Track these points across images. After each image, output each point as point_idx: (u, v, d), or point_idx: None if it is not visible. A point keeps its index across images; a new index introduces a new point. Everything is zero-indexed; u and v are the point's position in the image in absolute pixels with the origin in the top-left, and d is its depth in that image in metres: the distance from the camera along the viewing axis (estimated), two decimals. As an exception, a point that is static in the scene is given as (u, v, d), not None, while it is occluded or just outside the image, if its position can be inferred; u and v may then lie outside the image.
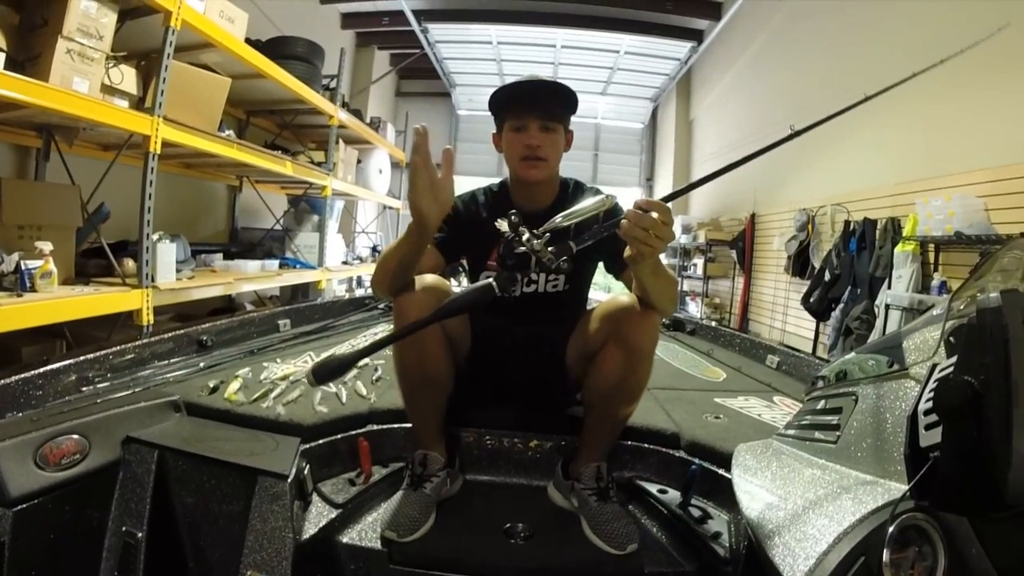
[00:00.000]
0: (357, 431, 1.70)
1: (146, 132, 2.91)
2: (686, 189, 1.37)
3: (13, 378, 1.49)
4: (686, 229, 8.80)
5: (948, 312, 0.94)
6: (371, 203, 8.38)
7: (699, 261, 8.65)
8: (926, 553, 0.73)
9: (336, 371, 1.16)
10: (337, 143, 5.63)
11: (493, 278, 1.22)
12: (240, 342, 2.44)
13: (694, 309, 8.78)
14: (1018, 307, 0.65)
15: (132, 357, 1.93)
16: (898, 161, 4.75)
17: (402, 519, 1.42)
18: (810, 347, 5.61)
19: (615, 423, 1.58)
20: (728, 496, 1.41)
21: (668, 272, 1.42)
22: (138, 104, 3.03)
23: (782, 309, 6.66)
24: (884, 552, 0.72)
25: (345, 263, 6.49)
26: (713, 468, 1.57)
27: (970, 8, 3.90)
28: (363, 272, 6.91)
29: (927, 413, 0.74)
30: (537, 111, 1.60)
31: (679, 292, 8.40)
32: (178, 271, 3.49)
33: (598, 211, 1.29)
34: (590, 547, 1.42)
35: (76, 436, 1.35)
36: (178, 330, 2.22)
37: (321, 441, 1.62)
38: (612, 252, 1.49)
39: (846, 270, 5.03)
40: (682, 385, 2.26)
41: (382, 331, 2.75)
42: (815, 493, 0.95)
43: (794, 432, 1.28)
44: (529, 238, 1.22)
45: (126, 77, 2.90)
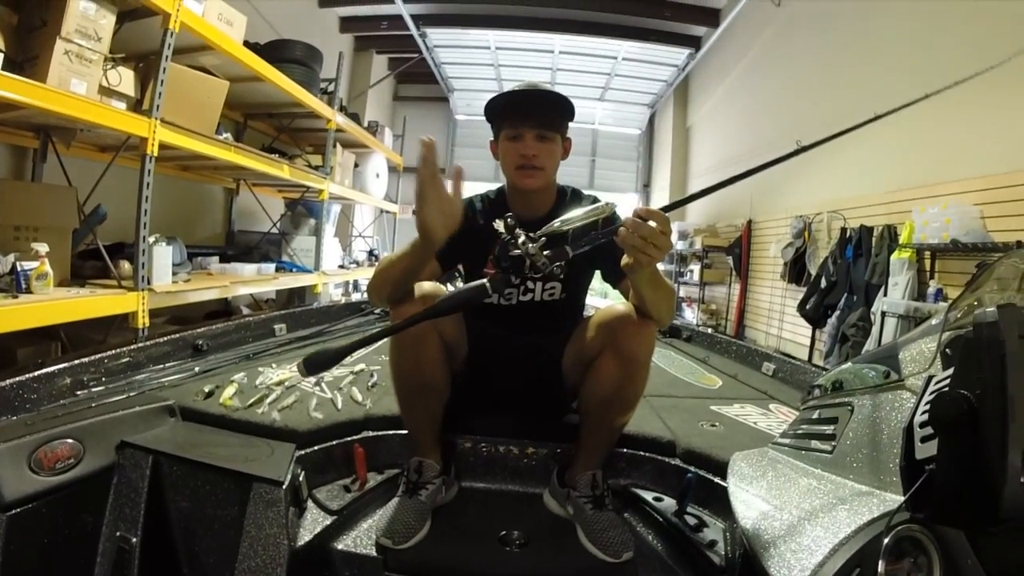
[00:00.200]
0: (353, 437, 1.69)
1: (143, 134, 2.91)
2: (688, 199, 1.37)
3: (7, 381, 1.48)
4: (682, 235, 8.82)
5: (944, 323, 0.95)
6: (368, 207, 8.37)
7: (695, 267, 8.65)
8: (921, 564, 0.73)
9: (328, 362, 1.16)
10: (335, 147, 5.62)
11: (487, 279, 1.22)
12: (236, 346, 2.43)
13: (690, 315, 8.79)
14: (1014, 321, 0.65)
15: (127, 361, 1.92)
16: (894, 169, 4.77)
17: (397, 526, 1.42)
18: (806, 354, 5.63)
19: (611, 431, 1.58)
20: (724, 505, 1.41)
21: (666, 282, 1.42)
22: (136, 106, 3.03)
23: (778, 316, 6.67)
24: (880, 563, 0.72)
25: (342, 267, 6.49)
26: (709, 476, 1.57)
27: (965, 23, 3.94)
28: (359, 276, 6.89)
29: (923, 425, 0.74)
30: (533, 120, 1.60)
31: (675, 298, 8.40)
32: (174, 274, 3.48)
33: (597, 218, 1.29)
34: (585, 555, 1.42)
35: (71, 440, 1.34)
36: (174, 334, 2.22)
37: (316, 447, 1.62)
38: (610, 261, 1.49)
39: (842, 277, 5.05)
40: (678, 392, 2.26)
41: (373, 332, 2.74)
42: (811, 503, 0.95)
43: (790, 441, 1.28)
44: (524, 241, 1.22)
45: (124, 79, 2.90)
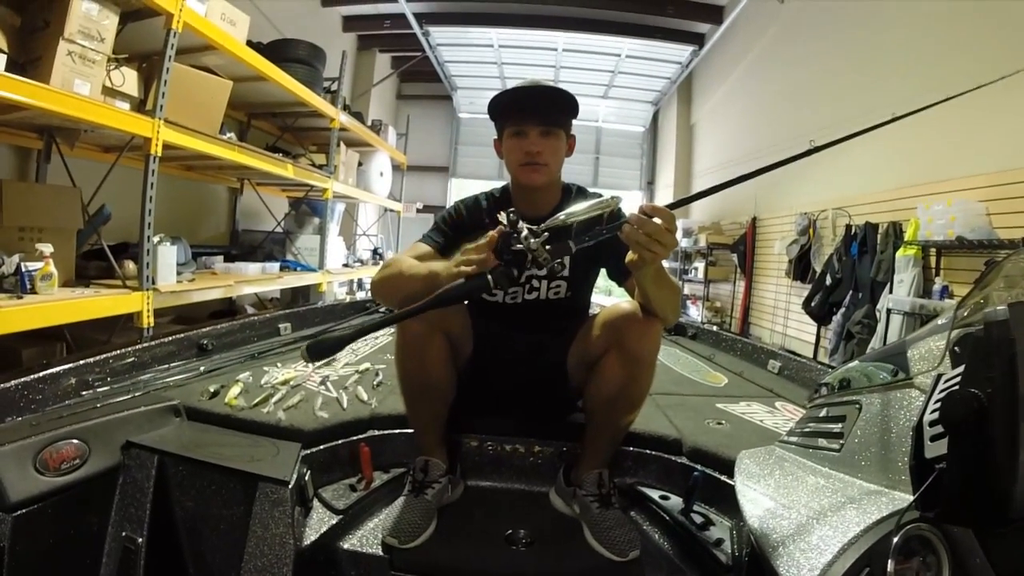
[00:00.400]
0: (358, 437, 1.69)
1: (147, 134, 2.91)
2: (695, 197, 1.36)
3: (13, 382, 1.48)
4: (687, 232, 8.79)
5: (953, 321, 0.94)
6: (372, 206, 8.38)
7: (700, 265, 8.63)
8: (930, 563, 0.72)
9: (331, 348, 1.16)
10: (338, 146, 5.62)
11: (488, 271, 1.21)
12: (240, 346, 2.43)
13: (695, 313, 8.77)
14: (1025, 320, 0.64)
15: (132, 361, 1.92)
16: (900, 165, 4.75)
17: (403, 525, 1.42)
18: (811, 351, 5.61)
19: (617, 430, 1.57)
20: (730, 503, 1.40)
21: (671, 279, 1.42)
22: (139, 106, 3.03)
23: (783, 313, 6.65)
24: (889, 563, 0.71)
25: (346, 266, 6.49)
26: (715, 474, 1.56)
27: (969, 22, 3.93)
28: (364, 275, 6.90)
29: (933, 424, 0.73)
30: (537, 117, 1.59)
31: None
32: (179, 273, 3.49)
33: (601, 211, 1.27)
34: (592, 554, 1.42)
35: (76, 441, 1.34)
36: (178, 333, 2.22)
37: (322, 447, 1.61)
38: (615, 258, 1.48)
39: (847, 274, 5.03)
40: (684, 390, 2.26)
41: (383, 334, 2.74)
42: (819, 502, 0.95)
43: (797, 439, 1.27)
44: (527, 235, 1.21)
45: (127, 79, 2.91)
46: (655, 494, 1.63)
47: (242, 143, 4.03)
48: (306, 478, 1.44)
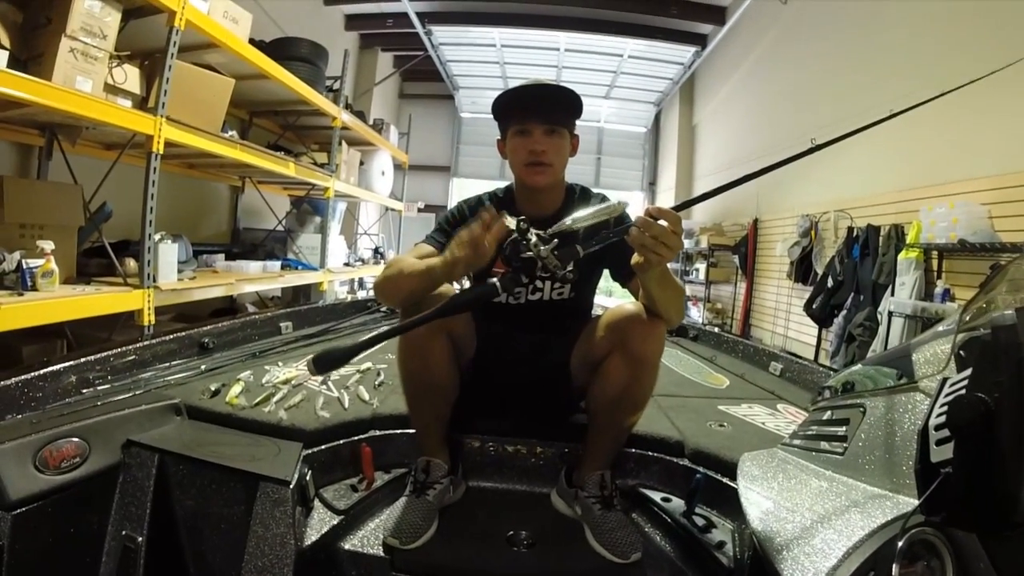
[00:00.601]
0: (360, 437, 1.69)
1: (149, 132, 2.91)
2: (699, 199, 1.36)
3: (13, 380, 1.48)
4: (688, 234, 8.78)
5: (958, 325, 0.93)
6: (373, 205, 8.38)
7: (701, 266, 8.62)
8: (934, 568, 0.72)
9: (337, 361, 1.15)
10: (340, 145, 5.62)
11: (497, 278, 1.21)
12: (242, 344, 2.43)
13: (696, 314, 8.76)
14: (1034, 325, 0.64)
15: (133, 359, 1.92)
16: (902, 168, 4.75)
17: (405, 526, 1.41)
18: (812, 353, 5.61)
19: (619, 431, 1.57)
20: (732, 505, 1.40)
21: (675, 281, 1.41)
22: (141, 104, 3.02)
23: (784, 315, 6.65)
24: (894, 567, 0.71)
25: (347, 265, 6.49)
26: (717, 477, 1.56)
27: (974, 22, 3.93)
28: (365, 274, 6.90)
29: (939, 428, 0.73)
30: (541, 116, 1.59)
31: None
32: (180, 271, 3.49)
33: (608, 216, 1.27)
34: (593, 555, 1.41)
35: (76, 439, 1.34)
36: (179, 331, 2.22)
37: (323, 447, 1.61)
38: (619, 260, 1.48)
39: (849, 276, 5.02)
40: (685, 392, 2.25)
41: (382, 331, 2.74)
42: (823, 505, 0.94)
43: (800, 442, 1.27)
44: (536, 243, 1.21)
45: (129, 77, 2.90)
46: (657, 496, 1.62)
47: (244, 141, 4.03)
48: (307, 478, 1.44)
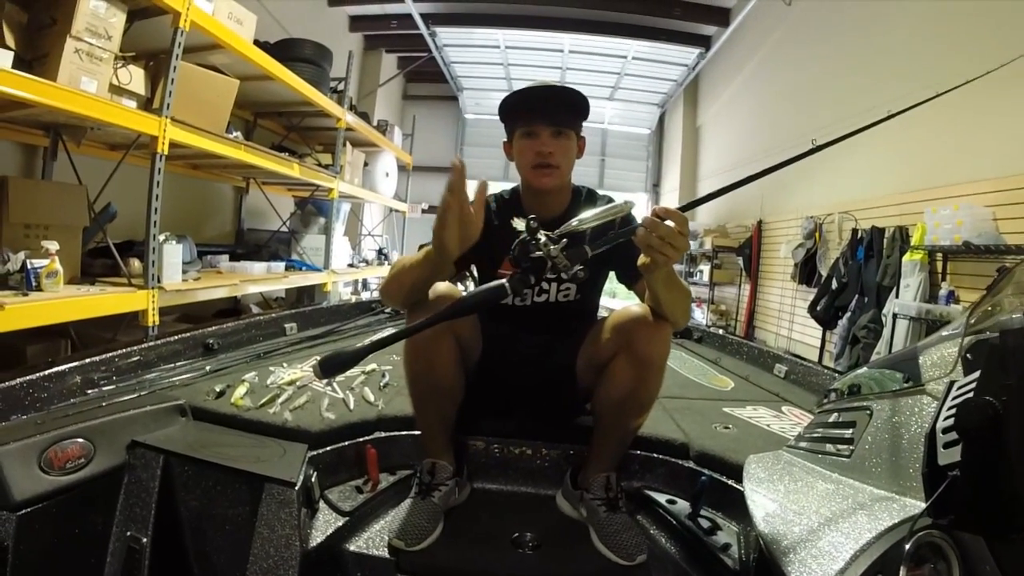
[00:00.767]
0: (365, 438, 1.69)
1: (154, 133, 2.92)
2: (705, 199, 1.36)
3: (18, 380, 1.48)
4: (692, 235, 8.76)
5: (965, 328, 0.93)
6: (377, 206, 8.39)
7: (705, 268, 8.61)
8: (941, 570, 0.72)
9: (344, 364, 1.15)
10: (344, 146, 5.63)
11: (506, 279, 1.21)
12: (246, 345, 2.43)
13: (700, 316, 8.75)
14: (1042, 328, 0.64)
15: (137, 360, 1.92)
16: (906, 170, 4.73)
17: (410, 528, 1.41)
18: (816, 355, 5.59)
19: (625, 434, 1.56)
20: (738, 507, 1.40)
21: (681, 283, 1.41)
22: (146, 105, 3.03)
23: (788, 317, 6.63)
24: (901, 570, 0.71)
25: (351, 266, 6.50)
26: (723, 479, 1.55)
27: (978, 22, 3.93)
28: (369, 275, 6.91)
29: (946, 431, 0.73)
30: (548, 117, 1.58)
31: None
32: (184, 272, 3.49)
33: (614, 217, 1.27)
34: (599, 557, 1.41)
35: (81, 440, 1.34)
36: (184, 332, 2.22)
37: (328, 448, 1.61)
38: (625, 262, 1.48)
39: (853, 278, 5.01)
40: (690, 394, 2.25)
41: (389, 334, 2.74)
42: (830, 508, 0.94)
43: (806, 444, 1.27)
44: (546, 242, 1.20)
45: (134, 77, 2.91)
46: (662, 498, 1.62)
47: (248, 142, 4.04)
48: (312, 479, 1.44)
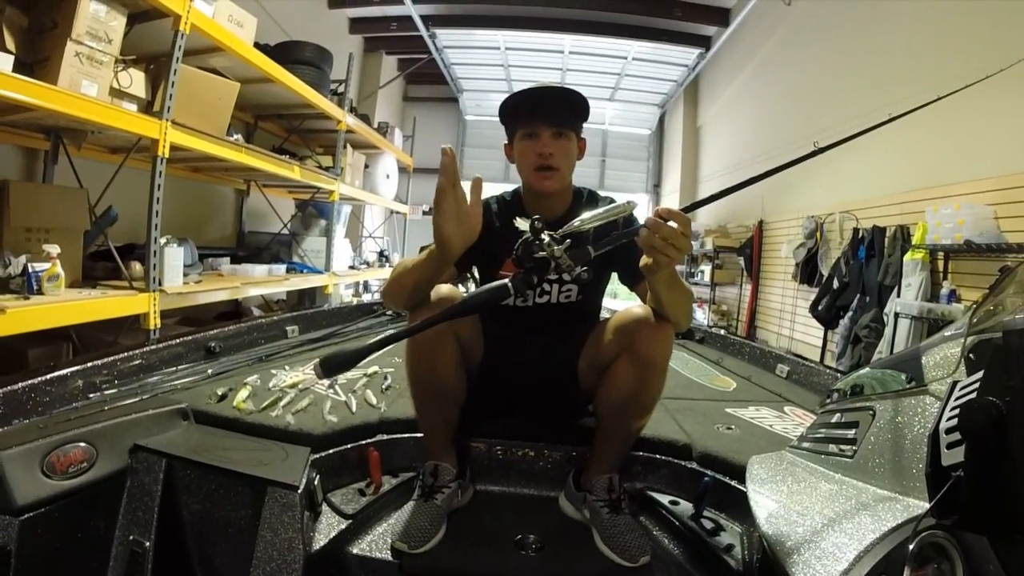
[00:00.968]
0: (367, 441, 1.69)
1: (154, 136, 2.91)
2: (708, 200, 1.35)
3: (19, 384, 1.48)
4: (693, 236, 8.74)
5: (968, 328, 0.93)
6: (378, 208, 8.38)
7: (706, 268, 8.61)
8: (944, 571, 0.72)
9: (345, 364, 1.14)
10: (345, 148, 5.63)
11: (509, 279, 1.20)
12: (248, 348, 2.43)
13: (701, 316, 8.75)
14: (1046, 329, 0.64)
15: (139, 363, 1.92)
16: (907, 169, 4.73)
17: (413, 530, 1.41)
18: (818, 355, 5.59)
19: (627, 435, 1.56)
20: (740, 508, 1.40)
21: (683, 284, 1.41)
22: (147, 108, 3.04)
23: (790, 317, 6.63)
24: (905, 570, 0.71)
25: (352, 268, 6.50)
26: (725, 480, 1.55)
27: (980, 23, 3.93)
28: (370, 277, 6.91)
29: (949, 431, 0.73)
30: (549, 118, 1.58)
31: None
32: (185, 275, 3.49)
33: (616, 217, 1.26)
34: (602, 559, 1.41)
35: (83, 444, 1.33)
36: (185, 335, 2.22)
37: (331, 451, 1.61)
38: (627, 263, 1.48)
39: (855, 278, 5.01)
40: (692, 395, 2.25)
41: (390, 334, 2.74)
42: (833, 509, 0.94)
43: (809, 445, 1.27)
44: (550, 242, 1.20)
45: (135, 81, 2.91)
46: (665, 499, 1.62)
47: (249, 145, 4.04)
48: (315, 482, 1.44)
